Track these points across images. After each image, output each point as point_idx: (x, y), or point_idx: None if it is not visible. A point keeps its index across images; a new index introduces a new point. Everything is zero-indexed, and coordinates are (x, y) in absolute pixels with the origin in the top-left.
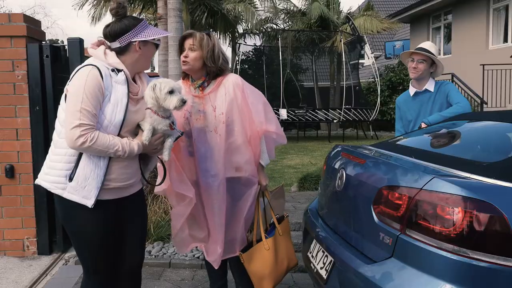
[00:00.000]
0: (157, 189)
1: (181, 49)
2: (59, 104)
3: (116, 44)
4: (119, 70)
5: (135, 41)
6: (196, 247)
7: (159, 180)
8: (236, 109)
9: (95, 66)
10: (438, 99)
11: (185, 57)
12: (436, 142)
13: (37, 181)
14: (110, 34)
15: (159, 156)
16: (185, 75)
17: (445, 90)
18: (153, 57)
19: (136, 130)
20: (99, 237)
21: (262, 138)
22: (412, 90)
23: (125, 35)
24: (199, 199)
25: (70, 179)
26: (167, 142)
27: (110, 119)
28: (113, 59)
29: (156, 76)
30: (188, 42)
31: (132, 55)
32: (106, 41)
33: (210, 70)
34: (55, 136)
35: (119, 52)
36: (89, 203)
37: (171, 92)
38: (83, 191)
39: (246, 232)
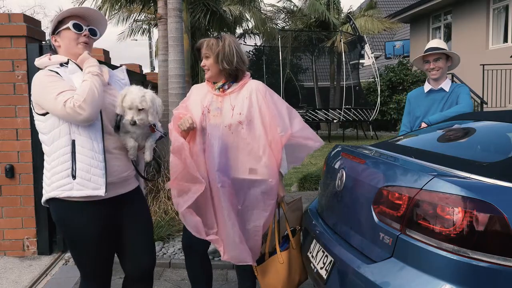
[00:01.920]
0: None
1: (200, 59)
2: None
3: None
4: (66, 63)
5: (51, 37)
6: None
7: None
8: (256, 112)
9: (42, 69)
10: (450, 99)
11: (203, 65)
12: (436, 142)
13: (44, 198)
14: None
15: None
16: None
17: (457, 91)
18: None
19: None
20: (96, 240)
21: (283, 146)
22: (427, 87)
23: (49, 38)
24: (209, 196)
25: (74, 177)
26: (147, 142)
27: None
28: (55, 58)
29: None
30: (203, 51)
31: (61, 50)
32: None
33: (226, 73)
34: (44, 147)
35: (56, 53)
36: (101, 192)
37: (130, 108)
38: (90, 183)
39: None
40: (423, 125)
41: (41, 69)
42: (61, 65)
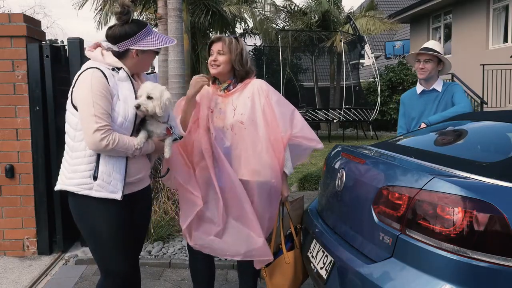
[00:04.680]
0: (167, 182)
1: (208, 53)
2: (59, 104)
3: (115, 48)
4: (118, 68)
5: (133, 49)
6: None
7: (163, 171)
8: (259, 113)
9: (96, 68)
10: (444, 99)
11: (214, 61)
12: (436, 142)
13: (59, 187)
14: (111, 37)
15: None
16: (214, 79)
17: (451, 90)
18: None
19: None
20: (115, 234)
21: (287, 145)
22: (419, 88)
23: (124, 41)
24: (214, 198)
25: (95, 178)
26: (166, 140)
27: (124, 115)
28: (110, 59)
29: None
30: (217, 47)
31: (130, 61)
32: (102, 43)
33: (238, 74)
34: (68, 140)
35: (117, 56)
36: (118, 196)
37: (140, 95)
38: (109, 186)
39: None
40: (423, 125)
41: (89, 59)
42: (113, 69)
